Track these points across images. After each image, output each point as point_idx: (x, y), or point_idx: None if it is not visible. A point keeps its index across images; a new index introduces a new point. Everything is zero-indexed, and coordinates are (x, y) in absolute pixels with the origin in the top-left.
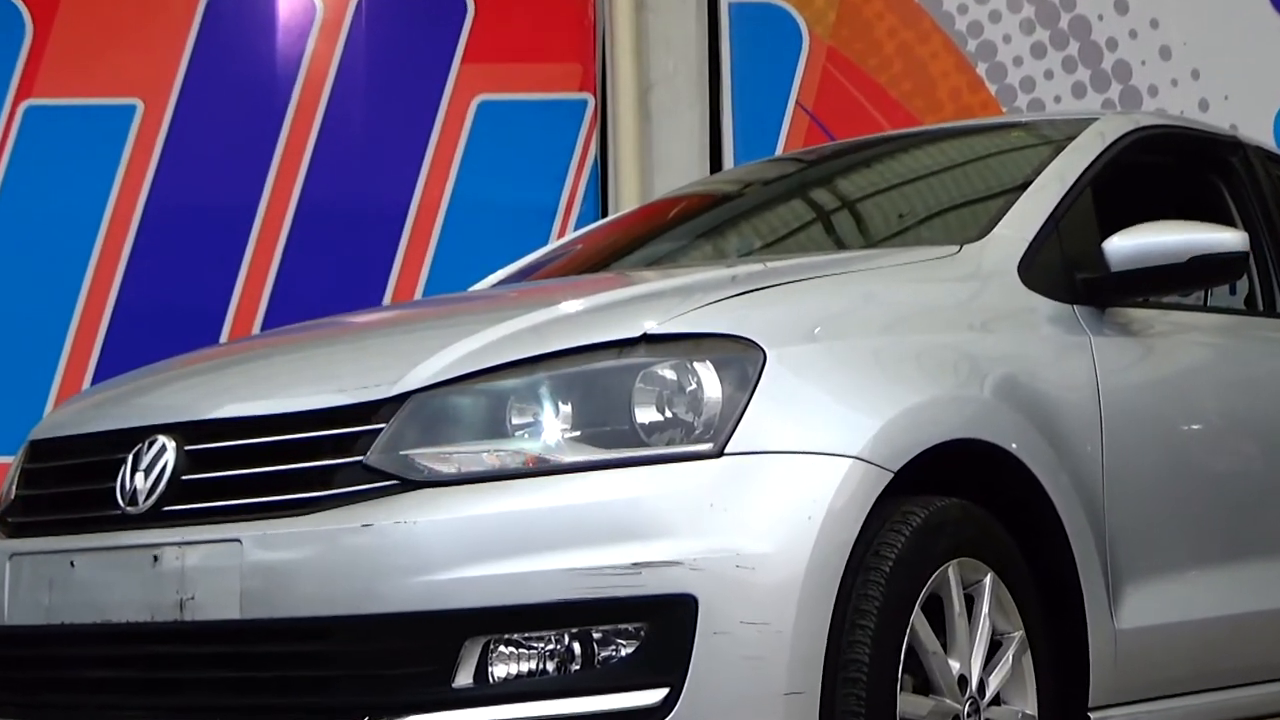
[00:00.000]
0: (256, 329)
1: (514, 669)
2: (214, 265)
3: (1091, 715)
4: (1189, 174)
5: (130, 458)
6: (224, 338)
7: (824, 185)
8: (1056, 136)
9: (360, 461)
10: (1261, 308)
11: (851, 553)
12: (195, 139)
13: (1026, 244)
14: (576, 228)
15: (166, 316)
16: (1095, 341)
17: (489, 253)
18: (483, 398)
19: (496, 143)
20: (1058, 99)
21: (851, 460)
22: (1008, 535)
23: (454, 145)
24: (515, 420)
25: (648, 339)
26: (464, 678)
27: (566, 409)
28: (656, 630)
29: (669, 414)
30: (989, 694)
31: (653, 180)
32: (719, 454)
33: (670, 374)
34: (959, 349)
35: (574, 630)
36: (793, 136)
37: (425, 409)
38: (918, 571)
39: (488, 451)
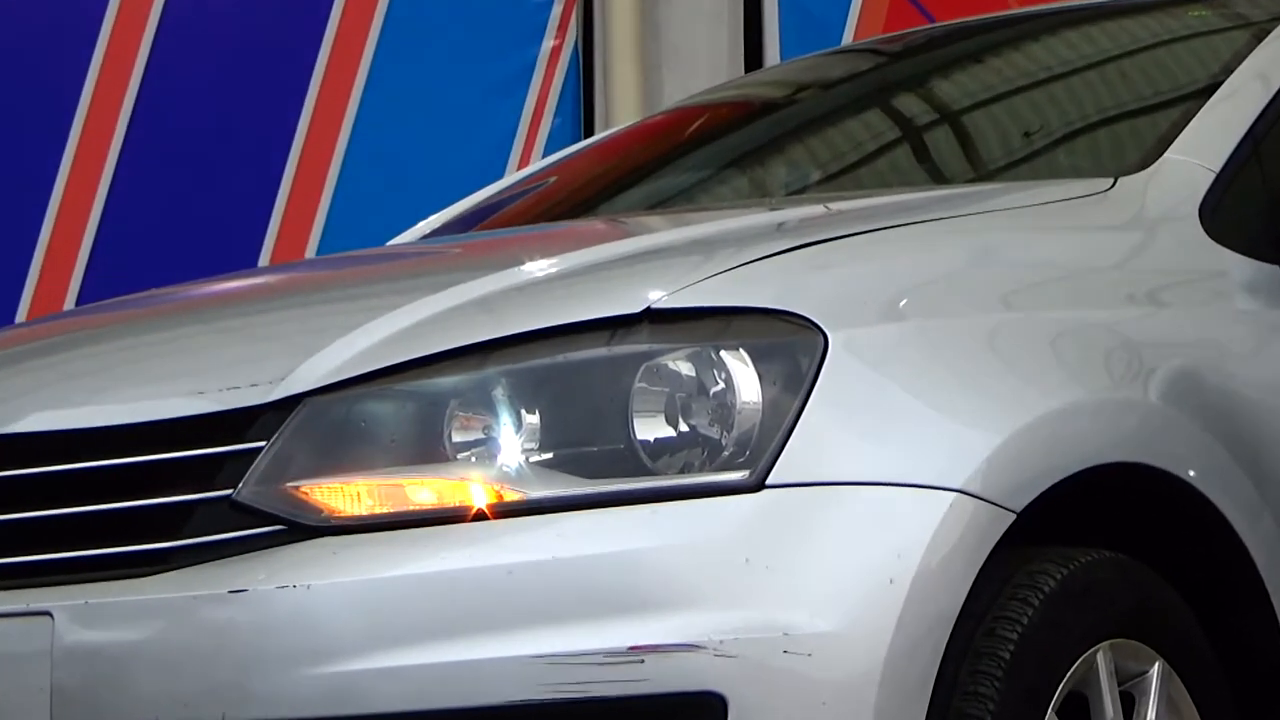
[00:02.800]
0: (69, 302)
1: None
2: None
3: None
4: None
5: None
6: (21, 314)
7: (913, 90)
8: (1257, 17)
9: (228, 497)
10: None
11: (954, 632)
12: None
13: (1213, 176)
14: (546, 153)
15: None
16: None
17: (415, 191)
18: (409, 403)
19: (422, 27)
20: None
21: (955, 495)
22: (1184, 605)
23: (361, 33)
24: (457, 436)
25: (652, 317)
26: None
27: (532, 420)
28: None
29: (684, 427)
30: None
31: (659, 82)
32: (758, 486)
33: (686, 368)
34: (1114, 331)
35: None
36: (867, 18)
37: (323, 420)
38: (1052, 660)
39: (416, 483)
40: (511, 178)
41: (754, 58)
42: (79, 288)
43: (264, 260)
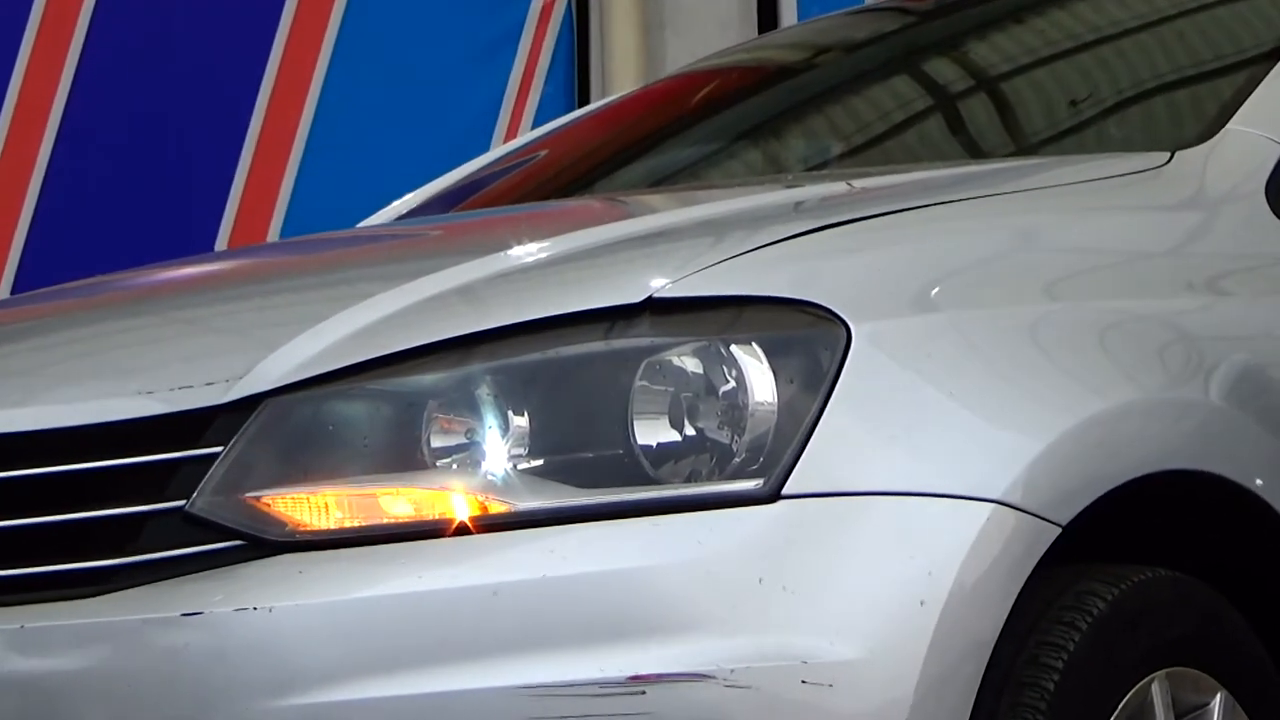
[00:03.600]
0: (2, 291)
1: None
2: None
3: None
4: None
5: None
6: None
7: (945, 54)
8: None
9: (180, 509)
10: None
11: (992, 660)
12: None
13: None
14: (535, 124)
15: None
16: None
17: (388, 167)
18: (383, 405)
19: None
20: None
21: (993, 506)
22: (1250, 629)
23: None
24: (437, 441)
25: (655, 307)
26: None
27: (521, 422)
28: None
29: (690, 431)
30: None
31: (662, 45)
32: (773, 496)
33: (692, 365)
34: (1170, 323)
35: None
36: None
37: (287, 423)
38: (1102, 691)
39: (390, 493)
40: (497, 152)
41: (768, 17)
42: (13, 275)
43: (220, 244)
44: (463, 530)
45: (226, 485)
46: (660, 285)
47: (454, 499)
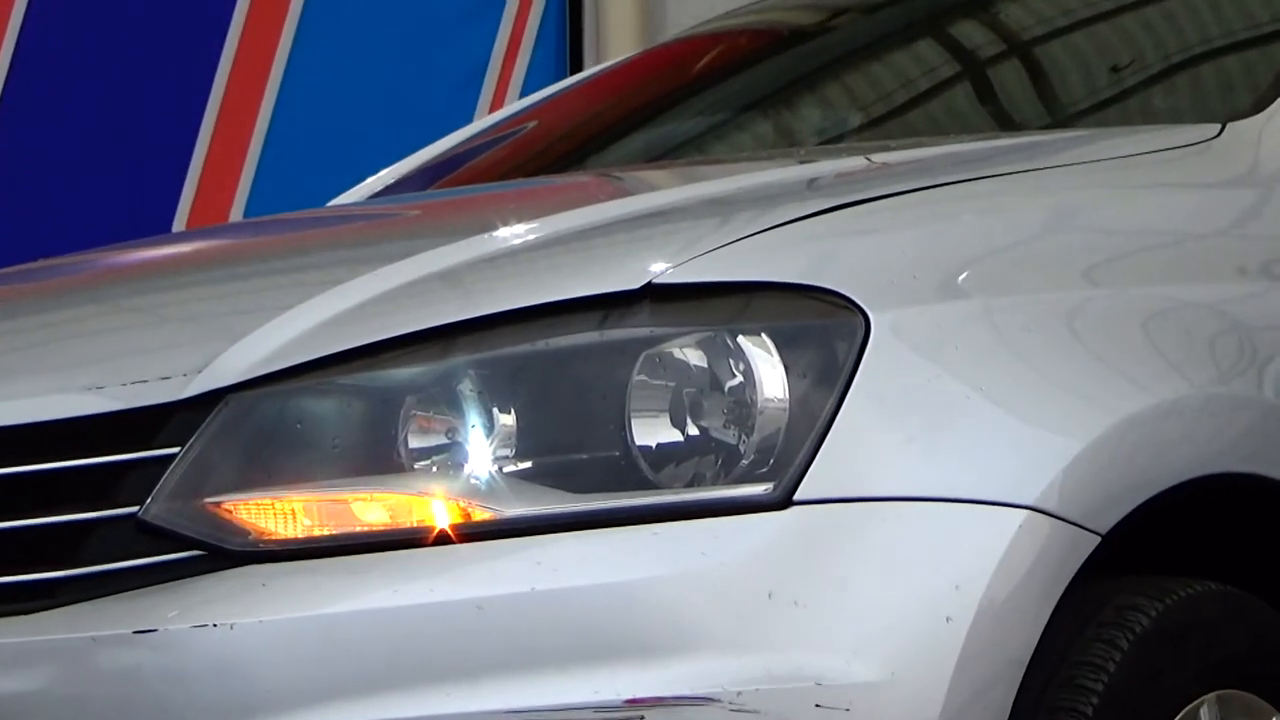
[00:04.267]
0: None
1: None
2: None
3: None
4: None
5: None
6: None
7: (975, 15)
8: None
9: (133, 516)
10: None
11: (1025, 682)
12: None
13: None
14: (524, 93)
15: None
16: None
17: (362, 140)
18: (355, 401)
19: None
20: None
21: (1026, 513)
22: None
23: None
24: (415, 441)
25: (655, 294)
26: None
27: (507, 421)
28: None
29: (693, 430)
30: None
31: (662, 5)
32: (784, 502)
33: (696, 357)
34: (1222, 312)
35: None
36: None
37: (250, 421)
38: (1145, 715)
39: (364, 498)
40: (481, 123)
41: None
42: None
43: (178, 225)
44: (443, 539)
45: (184, 490)
46: (661, 270)
47: (434, 505)
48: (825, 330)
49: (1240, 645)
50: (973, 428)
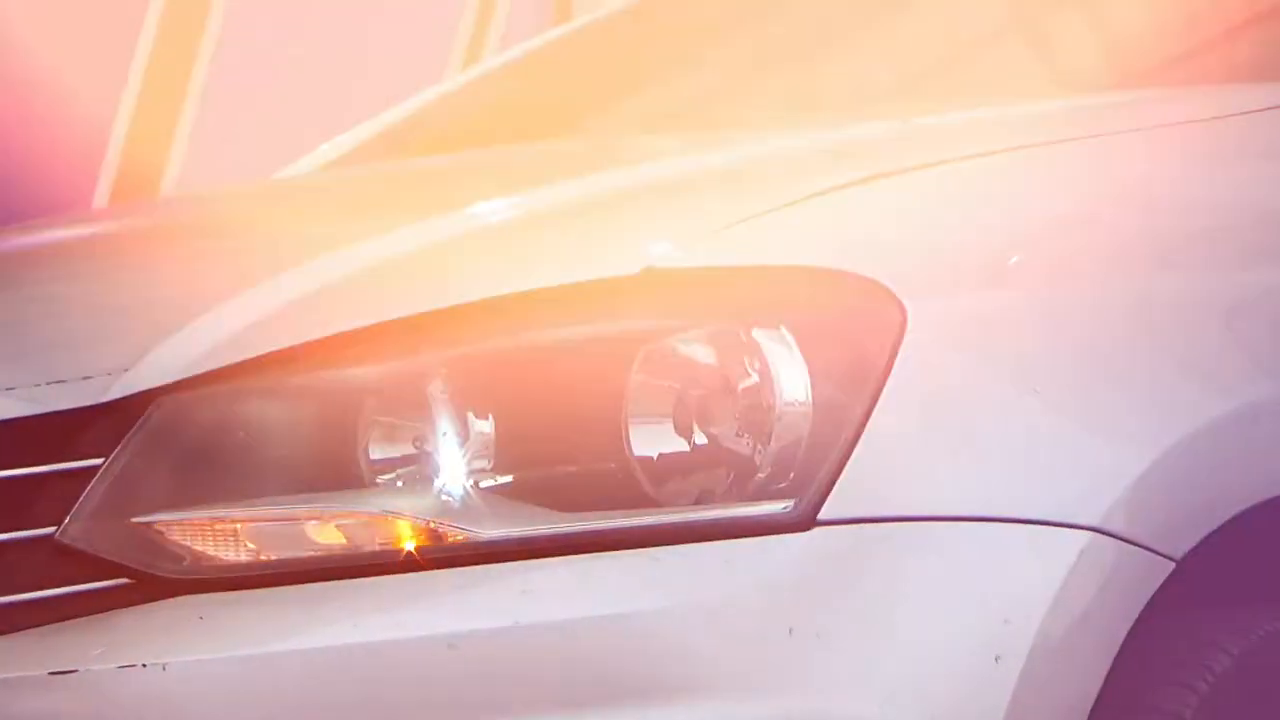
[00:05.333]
0: None
1: None
2: None
3: None
4: None
5: None
6: None
7: None
8: None
9: (50, 537)
10: None
11: None
12: None
13: None
14: (504, 46)
15: None
16: None
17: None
18: (307, 404)
19: None
20: None
21: (1089, 535)
22: None
23: None
24: (376, 451)
25: (657, 280)
26: None
27: (484, 427)
28: None
29: (701, 439)
30: None
31: None
32: (807, 523)
33: (704, 354)
34: None
35: None
36: None
37: (184, 428)
38: None
39: (317, 517)
40: (454, 82)
41: None
42: None
43: (100, 201)
44: (411, 565)
45: (108, 508)
46: (664, 252)
47: (399, 525)
48: (855, 323)
49: None
50: (1025, 436)
